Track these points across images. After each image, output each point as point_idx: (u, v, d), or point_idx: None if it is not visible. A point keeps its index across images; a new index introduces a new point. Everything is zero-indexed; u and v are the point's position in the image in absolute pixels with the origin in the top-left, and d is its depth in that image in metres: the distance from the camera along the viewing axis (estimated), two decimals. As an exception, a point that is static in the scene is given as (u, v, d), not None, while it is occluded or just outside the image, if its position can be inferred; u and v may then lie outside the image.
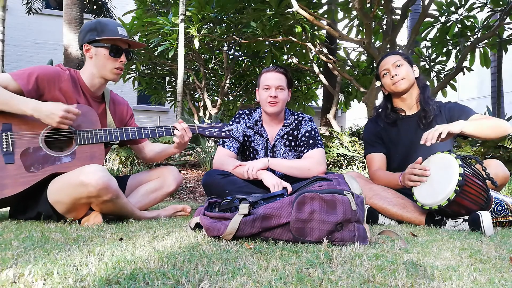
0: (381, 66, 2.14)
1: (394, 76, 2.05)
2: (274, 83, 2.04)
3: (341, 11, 5.30)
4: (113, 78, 1.82)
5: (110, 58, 1.77)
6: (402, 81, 2.05)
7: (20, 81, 1.59)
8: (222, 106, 7.14)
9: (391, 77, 2.07)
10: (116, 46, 1.77)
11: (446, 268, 0.95)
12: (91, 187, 1.49)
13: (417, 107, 2.10)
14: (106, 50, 1.76)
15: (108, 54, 1.76)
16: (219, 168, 2.03)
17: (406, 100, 2.11)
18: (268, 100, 2.04)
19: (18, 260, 0.91)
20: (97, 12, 8.50)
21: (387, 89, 2.14)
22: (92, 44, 1.76)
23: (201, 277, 0.81)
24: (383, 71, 2.12)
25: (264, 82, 2.07)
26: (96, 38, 1.74)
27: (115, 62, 1.78)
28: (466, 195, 1.61)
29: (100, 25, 1.76)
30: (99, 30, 1.75)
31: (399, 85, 2.05)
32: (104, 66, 1.77)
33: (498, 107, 6.34)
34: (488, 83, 7.41)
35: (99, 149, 1.69)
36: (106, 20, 1.81)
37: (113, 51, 1.76)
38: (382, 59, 2.17)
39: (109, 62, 1.77)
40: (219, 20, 5.47)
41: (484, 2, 4.78)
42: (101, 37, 1.74)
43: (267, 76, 2.07)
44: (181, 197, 3.43)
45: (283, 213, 1.21)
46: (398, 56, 2.11)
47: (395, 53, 2.15)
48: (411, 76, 2.07)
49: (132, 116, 2.07)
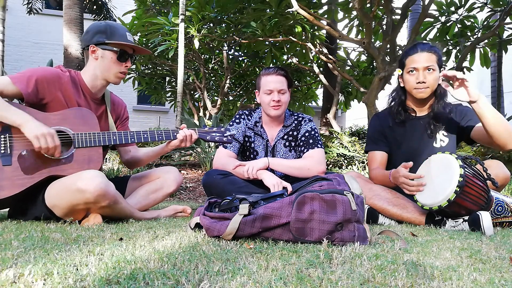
0: (411, 60, 1.95)
1: (422, 82, 1.92)
2: (276, 86, 2.03)
3: (341, 11, 5.29)
4: (116, 81, 1.82)
5: (117, 62, 1.78)
6: (426, 90, 1.93)
7: (19, 84, 1.58)
8: (222, 106, 7.13)
9: (417, 81, 1.93)
10: (124, 51, 1.78)
11: (446, 268, 0.95)
12: (89, 193, 1.49)
13: (428, 109, 2.05)
14: (114, 54, 1.76)
15: (116, 59, 1.77)
16: (219, 168, 2.03)
17: (419, 102, 2.03)
18: (271, 104, 2.03)
19: (18, 260, 0.91)
20: (97, 12, 8.50)
21: (406, 87, 2.01)
22: (100, 46, 1.76)
23: (201, 277, 0.81)
24: (410, 68, 1.95)
25: (265, 86, 2.05)
26: (106, 41, 1.74)
27: (120, 67, 1.79)
28: (466, 196, 1.61)
29: (111, 29, 1.76)
30: (108, 34, 1.75)
31: (421, 92, 1.94)
32: (110, 69, 1.78)
33: (498, 107, 6.34)
34: (488, 83, 7.41)
35: (97, 153, 1.68)
36: (116, 24, 1.82)
37: (121, 55, 1.77)
38: (415, 51, 1.95)
39: (115, 66, 1.78)
40: (219, 20, 5.47)
41: (484, 2, 4.78)
42: (111, 41, 1.74)
43: (268, 79, 2.05)
44: (181, 197, 3.43)
45: (283, 213, 1.21)
46: (433, 55, 1.92)
47: (433, 50, 1.93)
48: (436, 84, 1.94)
49: (127, 119, 2.05)
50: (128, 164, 2.04)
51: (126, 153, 2.01)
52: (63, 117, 1.66)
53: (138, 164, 2.02)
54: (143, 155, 2.01)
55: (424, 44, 1.98)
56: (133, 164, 2.03)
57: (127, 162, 2.02)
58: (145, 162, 2.02)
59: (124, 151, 2.01)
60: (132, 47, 1.81)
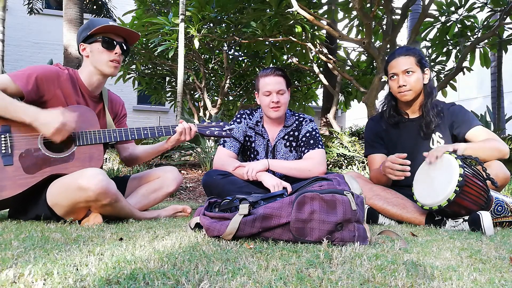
0: (391, 67, 2.03)
1: (402, 86, 1.97)
2: (274, 87, 2.02)
3: (341, 11, 5.29)
4: (110, 71, 1.79)
5: (104, 51, 1.76)
6: (408, 92, 1.98)
7: (19, 82, 1.58)
8: (222, 106, 7.13)
9: (398, 85, 1.99)
10: (108, 38, 1.76)
11: (446, 268, 0.95)
12: (90, 191, 1.49)
13: (419, 111, 2.07)
14: (99, 43, 1.76)
15: (101, 46, 1.75)
16: (219, 168, 2.03)
17: (409, 104, 2.07)
18: (270, 105, 2.03)
19: (18, 260, 0.91)
20: (97, 12, 8.51)
21: (392, 92, 2.08)
22: (86, 42, 1.76)
23: (201, 277, 0.81)
24: (391, 73, 2.03)
25: (264, 87, 2.04)
26: (88, 34, 1.74)
27: (110, 54, 1.77)
28: (466, 196, 1.61)
29: (92, 22, 1.77)
30: (90, 26, 1.75)
31: (404, 95, 1.99)
32: (99, 59, 1.76)
33: (498, 107, 6.34)
34: (488, 83, 7.41)
35: (98, 150, 1.69)
36: (98, 18, 1.82)
37: (105, 42, 1.76)
38: (393, 57, 2.03)
39: (104, 55, 1.76)
40: (219, 20, 5.46)
41: (484, 2, 4.78)
42: (91, 31, 1.74)
43: (266, 81, 2.04)
44: (181, 197, 3.43)
45: (283, 213, 1.21)
46: (411, 58, 1.98)
47: (410, 52, 2.00)
48: (419, 85, 1.99)
49: (125, 116, 2.05)
50: (126, 162, 2.03)
51: (125, 150, 2.01)
52: None
53: (136, 161, 2.02)
54: (142, 152, 2.00)
55: (401, 48, 2.06)
56: (131, 162, 2.02)
57: (126, 159, 2.02)
58: (144, 159, 2.02)
59: (123, 149, 2.01)
60: (117, 33, 1.79)
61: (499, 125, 5.99)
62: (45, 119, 1.54)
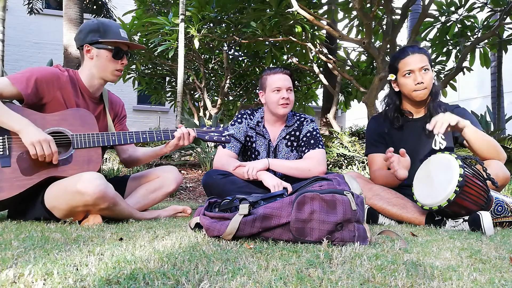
0: (405, 64, 1.95)
1: (420, 83, 1.91)
2: (284, 84, 2.05)
3: (341, 11, 5.29)
4: (113, 79, 1.82)
5: (112, 60, 1.77)
6: (425, 91, 1.93)
7: (18, 85, 1.57)
8: (222, 106, 7.13)
9: (416, 83, 1.92)
10: (118, 48, 1.77)
11: (446, 268, 0.95)
12: (88, 196, 1.49)
13: (424, 111, 2.05)
14: (109, 52, 1.76)
15: (111, 57, 1.76)
16: (219, 168, 2.03)
17: (417, 104, 2.03)
18: (280, 102, 2.04)
19: (18, 260, 0.91)
20: (97, 12, 8.51)
21: (403, 91, 2.01)
22: (94, 45, 1.75)
23: (201, 277, 0.81)
24: (406, 71, 1.94)
25: (274, 84, 2.06)
26: (99, 40, 1.74)
27: (116, 64, 1.79)
28: (466, 196, 1.61)
29: (104, 27, 1.75)
30: (102, 32, 1.74)
31: (420, 94, 1.95)
32: (106, 68, 1.77)
33: (498, 107, 6.34)
34: (488, 83, 7.41)
35: (96, 153, 1.68)
36: (108, 21, 1.80)
37: (116, 53, 1.77)
38: (406, 54, 1.95)
39: (111, 64, 1.78)
40: (219, 20, 5.46)
41: (484, 2, 4.78)
42: (104, 39, 1.74)
43: (276, 78, 2.07)
44: (181, 197, 3.43)
45: (283, 213, 1.21)
46: (424, 56, 1.94)
47: (422, 51, 1.95)
48: (431, 83, 1.96)
49: (125, 117, 2.05)
50: (126, 163, 2.03)
51: (124, 152, 2.01)
52: (62, 117, 1.66)
53: (136, 163, 2.02)
54: (141, 155, 2.00)
55: (413, 47, 2.01)
56: (131, 163, 2.02)
57: (125, 161, 2.02)
58: (143, 161, 2.02)
59: (122, 150, 2.01)
60: (126, 44, 1.80)
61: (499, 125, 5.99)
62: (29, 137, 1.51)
